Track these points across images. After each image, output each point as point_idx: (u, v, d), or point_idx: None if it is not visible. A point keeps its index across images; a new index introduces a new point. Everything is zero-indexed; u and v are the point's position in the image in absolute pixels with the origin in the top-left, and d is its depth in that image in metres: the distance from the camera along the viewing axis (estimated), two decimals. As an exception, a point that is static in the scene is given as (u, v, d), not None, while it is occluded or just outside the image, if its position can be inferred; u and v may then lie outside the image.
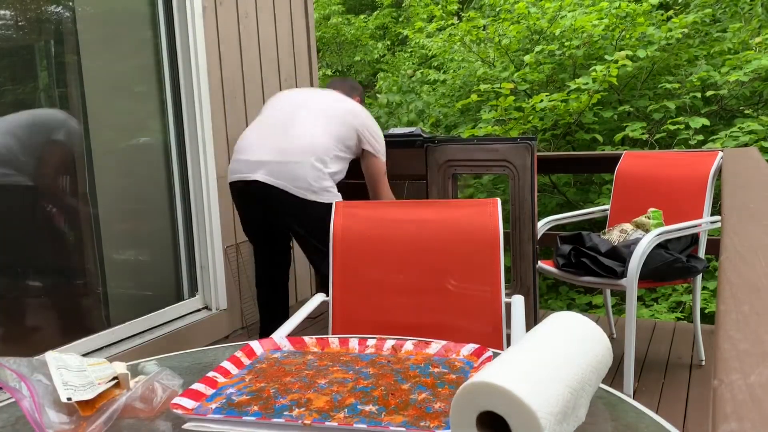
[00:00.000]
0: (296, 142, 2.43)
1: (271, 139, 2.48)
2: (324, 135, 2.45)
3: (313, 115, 2.51)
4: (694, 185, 2.70)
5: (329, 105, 2.57)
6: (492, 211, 1.57)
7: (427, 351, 1.07)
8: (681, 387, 2.54)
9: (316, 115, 2.51)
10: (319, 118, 2.50)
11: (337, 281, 1.63)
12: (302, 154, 2.40)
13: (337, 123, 2.50)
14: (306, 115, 2.52)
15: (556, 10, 6.69)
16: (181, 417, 0.84)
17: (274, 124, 2.53)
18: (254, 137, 2.52)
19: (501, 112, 5.93)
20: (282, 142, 2.45)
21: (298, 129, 2.47)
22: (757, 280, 0.60)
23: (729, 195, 1.12)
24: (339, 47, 10.54)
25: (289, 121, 2.51)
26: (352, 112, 2.57)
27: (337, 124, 2.50)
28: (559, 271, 2.61)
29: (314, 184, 2.39)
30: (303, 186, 2.38)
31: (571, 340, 0.81)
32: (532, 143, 2.72)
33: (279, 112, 2.59)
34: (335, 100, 2.61)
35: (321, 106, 2.57)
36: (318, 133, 2.44)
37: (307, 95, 2.66)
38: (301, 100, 2.62)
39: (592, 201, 5.71)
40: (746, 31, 5.99)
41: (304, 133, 2.45)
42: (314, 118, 2.50)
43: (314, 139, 2.43)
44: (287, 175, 2.38)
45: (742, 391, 0.38)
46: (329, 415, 0.84)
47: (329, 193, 2.43)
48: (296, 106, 2.58)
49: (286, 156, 2.41)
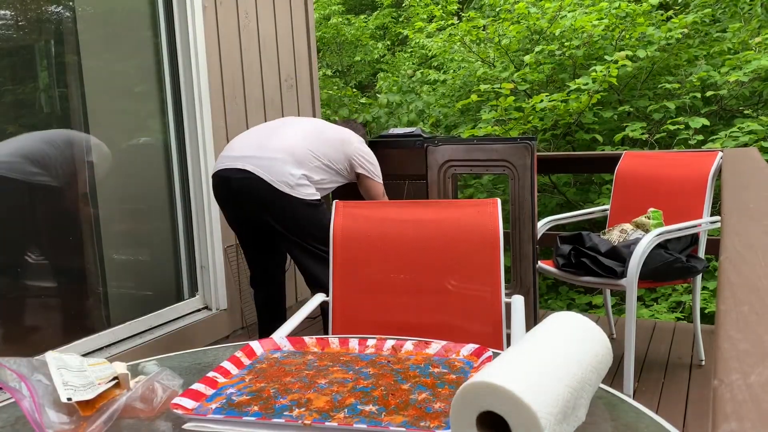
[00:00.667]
0: (276, 143, 2.48)
1: (255, 140, 2.54)
2: (306, 147, 2.49)
3: (301, 130, 2.56)
4: (694, 185, 2.70)
5: (321, 129, 2.61)
6: (492, 211, 1.57)
7: (427, 351, 1.07)
8: (681, 387, 2.54)
9: (304, 131, 2.56)
10: (307, 133, 2.55)
11: (337, 281, 1.63)
12: (282, 152, 2.44)
13: (325, 144, 2.54)
14: (293, 128, 2.58)
15: (556, 10, 6.68)
16: (181, 417, 0.84)
17: (259, 132, 2.60)
18: (238, 142, 2.58)
19: (501, 112, 5.93)
20: (263, 141, 2.51)
21: (281, 136, 2.52)
22: (757, 280, 0.60)
23: (729, 195, 1.13)
24: (339, 47, 10.54)
25: (274, 130, 2.57)
26: (344, 140, 2.60)
27: (324, 145, 2.53)
28: (559, 271, 2.61)
29: (291, 179, 2.41)
30: (280, 179, 2.40)
31: (571, 340, 0.81)
32: (532, 143, 2.73)
33: (266, 125, 2.66)
34: (330, 127, 2.65)
35: (313, 126, 2.61)
36: (299, 144, 2.48)
37: (303, 119, 2.70)
38: (294, 119, 2.70)
39: (592, 201, 5.71)
40: (746, 31, 5.99)
41: (286, 139, 2.50)
42: (302, 131, 2.55)
43: (295, 147, 2.47)
44: (266, 167, 2.42)
45: (742, 391, 0.38)
46: (329, 415, 0.84)
47: (306, 191, 2.44)
48: (286, 122, 2.65)
49: (266, 152, 2.45)
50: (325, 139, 2.54)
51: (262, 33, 3.53)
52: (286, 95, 3.78)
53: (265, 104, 3.53)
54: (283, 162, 2.42)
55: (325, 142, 2.54)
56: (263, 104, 3.52)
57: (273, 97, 3.65)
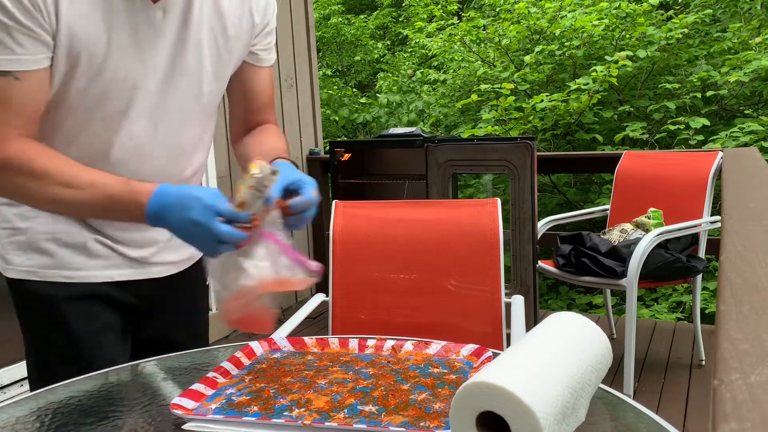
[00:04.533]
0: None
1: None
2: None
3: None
4: (694, 185, 2.70)
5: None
6: (492, 211, 1.57)
7: (427, 351, 1.06)
8: (681, 387, 2.54)
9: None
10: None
11: (336, 281, 1.63)
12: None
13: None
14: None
15: (556, 10, 6.69)
16: (181, 417, 0.84)
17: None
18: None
19: (501, 112, 5.93)
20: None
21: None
22: (757, 280, 0.60)
23: (729, 195, 1.13)
24: (339, 47, 10.54)
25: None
26: None
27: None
28: (559, 271, 2.61)
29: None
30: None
31: (571, 340, 0.81)
32: (532, 143, 2.72)
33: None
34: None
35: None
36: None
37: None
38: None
39: (592, 201, 5.71)
40: (746, 30, 5.99)
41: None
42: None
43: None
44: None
45: (742, 391, 0.38)
46: (329, 416, 0.84)
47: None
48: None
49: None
50: None
51: (262, 33, 3.52)
52: (286, 95, 3.78)
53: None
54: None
55: None
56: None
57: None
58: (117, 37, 0.98)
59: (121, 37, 0.99)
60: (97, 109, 1.03)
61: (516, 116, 5.97)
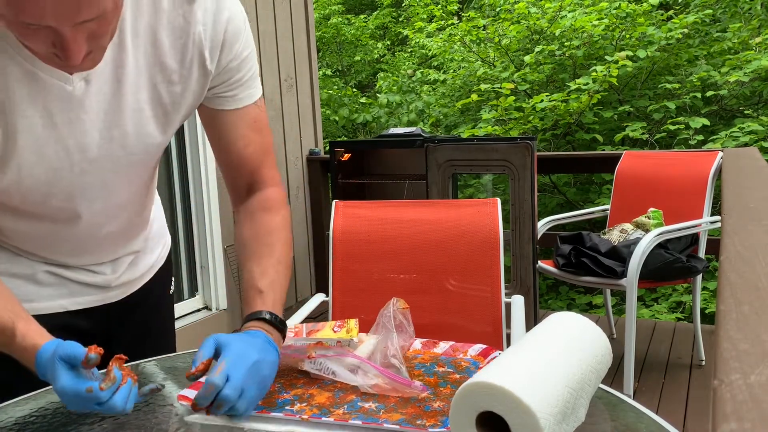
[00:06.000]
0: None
1: None
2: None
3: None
4: (694, 185, 2.70)
5: None
6: (492, 211, 1.57)
7: (435, 351, 1.07)
8: (681, 387, 2.54)
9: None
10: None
11: (336, 281, 1.63)
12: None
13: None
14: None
15: (556, 10, 6.69)
16: (186, 408, 0.85)
17: None
18: None
19: (501, 112, 5.93)
20: None
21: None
22: (757, 280, 0.60)
23: (729, 195, 1.12)
24: (339, 47, 10.54)
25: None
26: None
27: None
28: (559, 271, 2.61)
29: None
30: None
31: (571, 340, 0.81)
32: (532, 143, 2.72)
33: None
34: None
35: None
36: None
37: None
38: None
39: (592, 201, 5.72)
40: (746, 31, 5.99)
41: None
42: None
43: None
44: None
45: (742, 391, 0.38)
46: (329, 411, 0.85)
47: None
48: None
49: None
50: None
51: (262, 32, 3.53)
52: (286, 95, 3.78)
53: (265, 104, 3.53)
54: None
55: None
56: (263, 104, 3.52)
57: (273, 97, 3.65)
58: (22, 125, 0.83)
59: (28, 122, 0.84)
60: (41, 206, 0.93)
61: (516, 116, 5.98)
